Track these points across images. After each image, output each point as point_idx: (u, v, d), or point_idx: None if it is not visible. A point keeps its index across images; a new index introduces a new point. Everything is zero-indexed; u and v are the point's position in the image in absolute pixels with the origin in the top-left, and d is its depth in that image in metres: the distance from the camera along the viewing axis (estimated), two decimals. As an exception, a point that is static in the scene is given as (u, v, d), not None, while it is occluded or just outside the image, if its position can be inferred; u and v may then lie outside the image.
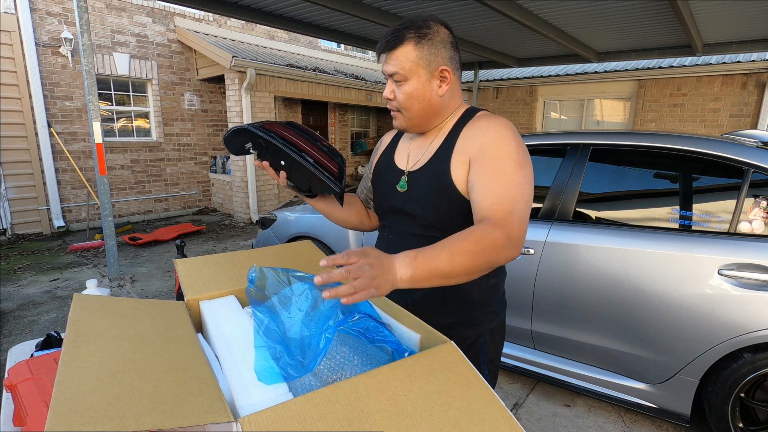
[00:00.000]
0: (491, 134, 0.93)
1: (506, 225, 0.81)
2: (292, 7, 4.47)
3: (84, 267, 4.50)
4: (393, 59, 0.95)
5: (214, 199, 7.79)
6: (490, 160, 0.89)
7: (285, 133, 0.97)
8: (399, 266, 0.70)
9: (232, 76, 6.34)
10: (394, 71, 0.95)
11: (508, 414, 0.60)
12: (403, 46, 0.94)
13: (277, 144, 0.93)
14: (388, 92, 0.99)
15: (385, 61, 0.97)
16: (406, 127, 1.03)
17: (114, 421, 0.49)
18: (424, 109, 0.99)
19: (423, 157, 1.04)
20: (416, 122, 1.01)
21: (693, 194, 2.00)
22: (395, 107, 1.00)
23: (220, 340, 0.79)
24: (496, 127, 0.93)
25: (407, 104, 0.98)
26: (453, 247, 0.74)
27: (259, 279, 0.90)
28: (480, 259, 0.76)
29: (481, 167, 0.90)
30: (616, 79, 7.44)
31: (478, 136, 0.94)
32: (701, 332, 1.80)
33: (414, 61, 0.94)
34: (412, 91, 0.96)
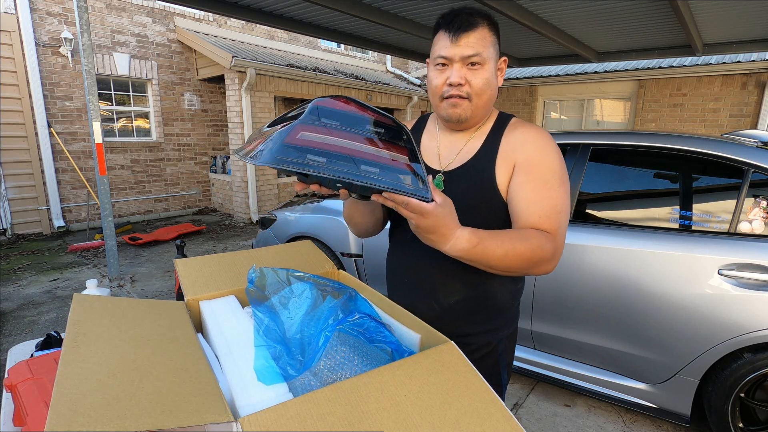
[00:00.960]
0: (539, 145, 0.92)
1: (556, 240, 0.85)
2: (292, 7, 4.47)
3: (84, 267, 4.50)
4: (472, 41, 0.88)
5: (214, 199, 7.79)
6: (538, 173, 0.89)
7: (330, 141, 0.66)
8: (456, 242, 0.75)
9: (232, 76, 6.34)
10: (474, 53, 0.88)
11: (508, 414, 0.60)
12: (480, 28, 0.89)
13: (329, 177, 0.64)
14: (460, 77, 0.90)
15: (456, 43, 0.89)
16: (468, 116, 0.95)
17: (114, 421, 0.49)
18: (491, 98, 0.95)
19: (459, 156, 0.99)
20: (479, 112, 0.95)
21: (693, 194, 2.00)
22: (465, 94, 0.91)
23: (220, 340, 0.79)
24: (542, 139, 0.93)
25: (482, 90, 0.91)
26: (511, 247, 0.78)
27: (259, 279, 0.90)
28: (526, 265, 0.81)
29: (529, 178, 0.90)
30: (616, 79, 7.44)
31: (526, 144, 0.93)
32: (701, 332, 1.80)
33: (491, 46, 0.91)
34: (489, 76, 0.91)
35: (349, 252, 2.90)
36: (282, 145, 0.63)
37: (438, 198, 0.70)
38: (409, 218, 0.70)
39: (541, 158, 0.90)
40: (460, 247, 0.75)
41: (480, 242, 0.76)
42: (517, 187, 0.91)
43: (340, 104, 0.69)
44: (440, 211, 0.69)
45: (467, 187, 0.97)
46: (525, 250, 0.79)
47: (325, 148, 0.64)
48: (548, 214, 0.86)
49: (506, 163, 0.93)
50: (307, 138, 0.64)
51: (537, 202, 0.87)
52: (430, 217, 0.69)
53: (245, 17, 4.60)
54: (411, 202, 0.66)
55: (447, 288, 1.00)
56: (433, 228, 0.71)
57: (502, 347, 1.05)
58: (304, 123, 0.65)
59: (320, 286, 0.90)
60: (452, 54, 0.89)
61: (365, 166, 0.65)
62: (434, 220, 0.70)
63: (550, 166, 0.90)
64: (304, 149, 0.63)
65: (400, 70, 10.27)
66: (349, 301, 0.86)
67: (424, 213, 0.68)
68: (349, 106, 0.70)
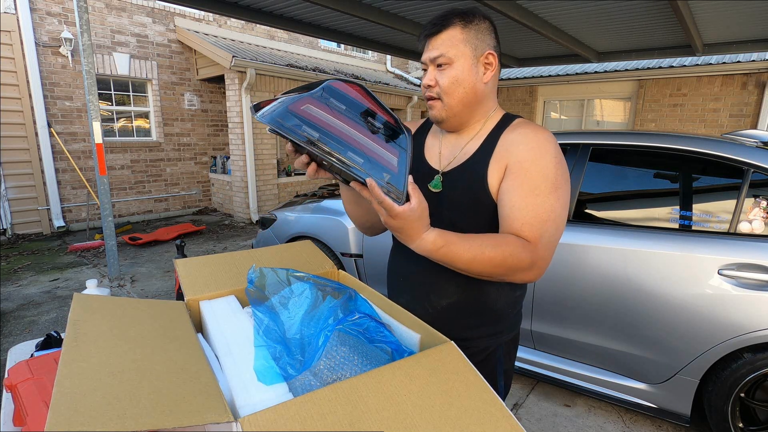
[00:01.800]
0: (533, 146, 0.89)
1: (535, 250, 0.82)
2: (292, 7, 4.47)
3: (84, 267, 4.50)
4: (438, 43, 0.91)
5: (214, 199, 7.79)
6: (527, 178, 0.87)
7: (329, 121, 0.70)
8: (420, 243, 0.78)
9: (232, 76, 6.34)
10: (438, 54, 0.91)
11: (508, 413, 0.60)
12: (449, 29, 0.91)
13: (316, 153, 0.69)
14: (429, 79, 0.93)
15: (426, 48, 0.93)
16: (444, 117, 0.96)
17: (114, 421, 0.49)
18: (467, 95, 0.93)
19: (458, 157, 0.99)
20: (455, 111, 0.95)
21: (693, 194, 2.00)
22: (435, 94, 0.94)
23: (220, 340, 0.79)
24: (539, 140, 0.90)
25: (450, 89, 0.92)
26: (479, 252, 0.80)
27: (258, 279, 0.90)
28: (498, 272, 0.82)
29: (517, 182, 0.87)
30: (616, 79, 7.44)
31: (520, 144, 0.90)
32: (701, 332, 1.80)
33: (461, 43, 0.91)
34: (458, 74, 0.91)
35: (349, 252, 2.90)
36: (285, 110, 0.68)
37: (413, 201, 0.72)
38: (380, 214, 0.74)
39: (533, 161, 0.87)
40: (424, 248, 0.79)
41: (445, 245, 0.78)
42: (506, 189, 0.89)
43: (352, 90, 0.72)
44: (408, 214, 0.72)
45: (462, 187, 0.97)
46: (494, 256, 0.80)
47: (322, 126, 0.69)
48: (531, 222, 0.84)
49: (499, 163, 0.92)
50: (311, 111, 0.69)
51: (521, 208, 0.85)
52: (398, 219, 0.73)
53: (245, 17, 4.60)
54: (385, 201, 0.70)
55: (440, 290, 1.01)
56: (400, 228, 0.75)
57: (500, 353, 1.04)
58: (313, 97, 0.70)
59: (320, 286, 0.90)
60: (424, 58, 0.95)
61: (352, 154, 0.70)
62: (401, 222, 0.73)
63: (542, 171, 0.86)
64: (304, 120, 0.68)
65: (400, 70, 10.28)
66: (349, 301, 0.86)
67: (392, 214, 0.72)
68: (359, 95, 0.73)
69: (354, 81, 0.72)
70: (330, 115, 0.69)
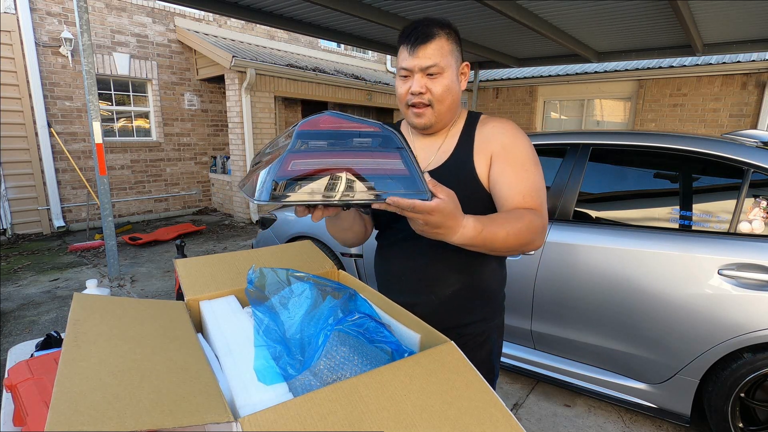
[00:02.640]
0: (510, 134, 1.00)
1: (542, 215, 0.91)
2: (292, 7, 4.47)
3: (84, 267, 4.50)
4: (430, 51, 0.94)
5: (214, 199, 7.79)
6: (514, 158, 0.97)
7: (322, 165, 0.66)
8: (463, 232, 0.77)
9: (232, 76, 6.34)
10: (431, 63, 0.95)
11: (508, 414, 0.60)
12: (437, 39, 0.95)
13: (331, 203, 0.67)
14: (420, 86, 0.96)
15: (414, 55, 0.95)
16: (432, 123, 1.02)
17: (114, 421, 0.49)
18: (454, 102, 1.00)
19: (438, 157, 1.05)
20: (442, 117, 1.01)
21: (693, 194, 2.00)
22: (426, 101, 0.98)
23: (220, 340, 0.79)
24: (512, 130, 1.01)
25: (442, 97, 0.98)
26: (510, 227, 0.83)
27: (258, 279, 0.90)
28: (523, 243, 0.86)
29: (507, 164, 0.97)
30: (616, 79, 7.44)
31: (498, 134, 1.00)
32: (701, 332, 1.80)
33: (449, 54, 0.96)
34: (449, 84, 0.97)
35: (349, 252, 2.90)
36: (276, 181, 0.64)
37: (441, 193, 0.70)
38: (416, 219, 0.71)
39: (514, 145, 0.98)
40: (468, 236, 0.78)
41: (484, 228, 0.79)
42: (498, 173, 0.98)
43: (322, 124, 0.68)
44: (445, 206, 0.70)
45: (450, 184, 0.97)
46: (522, 227, 0.84)
47: (318, 173, 0.65)
48: (530, 192, 0.93)
49: (483, 154, 1.00)
50: (299, 167, 0.64)
51: (518, 182, 0.94)
52: (436, 214, 0.70)
53: (245, 17, 4.60)
54: (416, 204, 0.67)
55: (444, 280, 1.05)
56: (441, 223, 0.72)
57: (494, 336, 1.11)
58: (292, 152, 0.65)
59: (320, 286, 0.90)
60: (412, 65, 0.96)
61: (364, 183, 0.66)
62: (441, 216, 0.71)
63: (524, 151, 0.98)
64: (298, 179, 0.64)
65: (400, 70, 10.26)
66: (349, 301, 0.86)
67: (431, 211, 0.69)
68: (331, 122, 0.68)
69: (318, 114, 0.68)
70: (318, 159, 0.65)
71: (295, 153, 0.65)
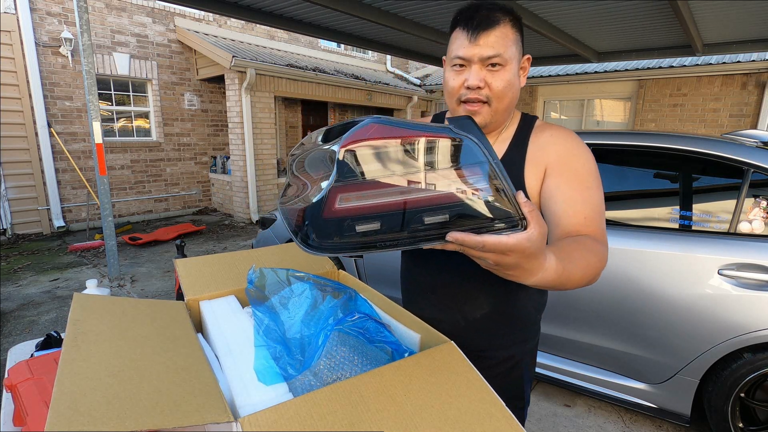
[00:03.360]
0: (570, 145, 0.87)
1: (606, 244, 0.77)
2: (292, 7, 4.47)
3: (84, 267, 4.50)
4: (493, 39, 0.81)
5: (214, 199, 7.79)
6: (575, 174, 0.84)
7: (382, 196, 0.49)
8: (543, 275, 0.57)
9: (232, 76, 6.34)
10: (494, 53, 0.81)
11: (508, 413, 0.60)
12: (501, 25, 0.81)
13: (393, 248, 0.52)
14: (478, 79, 0.82)
15: (475, 42, 0.81)
16: (487, 123, 0.88)
17: (114, 421, 0.49)
18: (513, 100, 0.88)
19: None
20: (499, 117, 0.88)
21: (693, 194, 2.00)
22: (484, 97, 0.84)
23: (220, 340, 0.79)
24: (573, 140, 0.88)
25: (503, 93, 0.84)
26: (586, 264, 0.68)
27: (258, 279, 0.90)
28: (591, 279, 0.70)
29: (564, 178, 0.83)
30: (616, 79, 7.44)
31: (556, 144, 0.87)
32: (701, 332, 1.80)
33: (513, 44, 0.83)
34: (511, 78, 0.84)
35: (349, 252, 2.89)
36: (324, 222, 0.48)
37: (532, 227, 0.51)
38: (481, 259, 0.53)
39: (574, 158, 0.85)
40: (547, 279, 0.59)
41: (565, 268, 0.61)
42: (554, 187, 0.83)
43: (369, 140, 0.48)
44: (526, 246, 0.50)
45: None
46: (594, 263, 0.70)
47: (374, 209, 0.49)
48: (593, 215, 0.79)
49: (536, 167, 0.87)
50: (349, 203, 0.48)
51: (580, 202, 0.80)
52: (513, 255, 0.51)
53: (245, 17, 4.60)
54: (487, 242, 0.49)
55: (473, 301, 0.96)
56: (517, 264, 0.53)
57: (526, 361, 1.00)
58: (339, 182, 0.48)
59: (320, 286, 0.90)
60: (470, 54, 0.82)
61: (431, 216, 0.49)
62: (519, 257, 0.51)
63: (586, 165, 0.84)
64: (352, 219, 0.48)
65: (400, 70, 10.27)
66: (349, 301, 0.86)
67: (507, 251, 0.50)
68: (381, 138, 0.48)
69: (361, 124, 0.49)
70: (374, 189, 0.48)
71: (342, 184, 0.48)
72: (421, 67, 10.30)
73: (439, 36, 5.02)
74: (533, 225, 0.51)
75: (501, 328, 0.97)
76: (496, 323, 0.97)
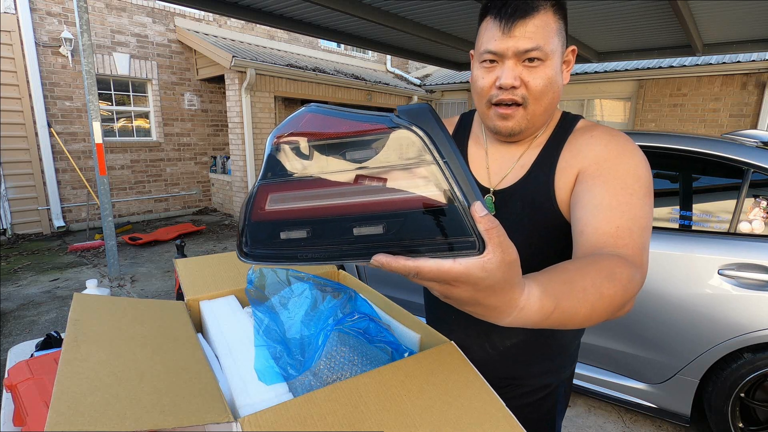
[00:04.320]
0: (614, 146, 0.70)
1: (642, 266, 0.59)
2: (292, 7, 4.47)
3: (84, 267, 4.50)
4: (531, 29, 0.67)
5: (214, 199, 7.79)
6: (615, 175, 0.67)
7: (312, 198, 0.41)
8: (519, 315, 0.42)
9: (232, 76, 6.34)
10: (533, 46, 0.67)
11: (508, 413, 0.60)
12: (542, 12, 0.68)
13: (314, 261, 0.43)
14: (512, 77, 0.69)
15: (509, 33, 0.68)
16: (522, 128, 0.75)
17: (114, 421, 0.49)
18: (553, 101, 0.74)
19: (513, 171, 0.79)
20: (536, 121, 0.75)
21: (693, 194, 2.00)
22: (520, 98, 0.71)
23: (220, 340, 0.79)
24: (620, 140, 0.71)
25: (542, 93, 0.71)
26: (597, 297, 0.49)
27: (258, 279, 0.90)
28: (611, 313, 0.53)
29: (601, 181, 0.67)
30: (616, 79, 7.44)
31: (596, 145, 0.72)
32: (701, 332, 1.80)
33: (555, 35, 0.70)
34: (552, 76, 0.70)
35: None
36: (253, 226, 0.42)
37: (490, 251, 0.35)
38: (431, 287, 0.40)
39: (616, 159, 0.68)
40: (529, 320, 0.43)
41: (557, 306, 0.45)
42: (584, 191, 0.68)
43: (304, 130, 0.41)
44: (483, 276, 0.35)
45: (522, 207, 0.77)
46: (614, 293, 0.51)
47: (300, 214, 0.41)
48: (629, 226, 0.61)
49: (567, 173, 0.73)
50: (279, 204, 0.41)
51: (613, 207, 0.63)
52: (463, 287, 0.37)
53: (245, 17, 4.60)
54: (422, 268, 0.36)
55: (504, 331, 0.83)
56: (472, 300, 0.38)
57: (561, 391, 0.90)
58: (268, 179, 0.41)
59: (320, 286, 0.90)
60: (504, 48, 0.69)
61: (362, 227, 0.40)
62: (471, 291, 0.37)
63: (631, 170, 0.67)
64: (278, 224, 0.41)
65: (400, 70, 10.28)
66: (349, 302, 0.86)
67: (451, 281, 0.36)
68: (317, 128, 0.41)
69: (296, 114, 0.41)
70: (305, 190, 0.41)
71: (269, 183, 0.41)
72: (421, 67, 10.30)
73: (439, 36, 5.02)
74: (492, 248, 0.35)
75: (533, 358, 0.86)
76: (529, 352, 0.85)
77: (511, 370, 0.86)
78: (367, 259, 0.40)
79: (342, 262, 0.42)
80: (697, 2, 3.78)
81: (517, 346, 0.84)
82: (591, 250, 0.61)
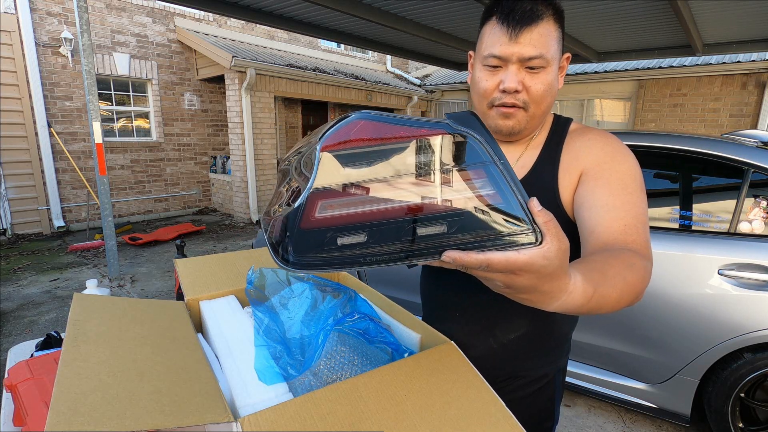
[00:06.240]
0: (611, 148, 0.77)
1: (650, 258, 0.65)
2: (292, 7, 4.47)
3: (84, 267, 4.50)
4: (535, 38, 0.71)
5: (214, 199, 7.79)
6: (615, 176, 0.73)
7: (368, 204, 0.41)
8: (567, 300, 0.47)
9: (232, 76, 6.34)
10: (537, 54, 0.71)
11: (508, 413, 0.60)
12: (545, 21, 0.72)
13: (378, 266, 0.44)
14: (515, 82, 0.73)
15: (516, 39, 0.71)
16: (522, 128, 0.80)
17: (114, 421, 0.49)
18: (550, 105, 0.79)
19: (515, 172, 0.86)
20: (536, 122, 0.80)
21: (693, 194, 2.00)
22: (521, 102, 0.76)
23: (220, 340, 0.79)
24: (614, 143, 0.78)
25: (542, 97, 0.76)
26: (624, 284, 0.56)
27: (258, 280, 0.90)
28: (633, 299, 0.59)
29: (601, 182, 0.73)
30: (616, 79, 7.44)
31: (593, 148, 0.78)
32: (701, 332, 1.80)
33: (555, 43, 0.74)
34: (552, 80, 0.75)
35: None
36: (301, 234, 0.41)
37: (549, 241, 0.40)
38: (492, 279, 0.44)
39: (614, 161, 0.75)
40: (574, 304, 0.48)
41: (596, 290, 0.50)
42: (587, 192, 0.74)
43: (356, 139, 0.41)
44: (544, 264, 0.40)
45: None
46: (635, 281, 0.57)
47: (358, 219, 0.41)
48: (634, 223, 0.67)
49: (570, 174, 0.78)
50: (331, 212, 0.41)
51: (619, 207, 0.69)
52: (526, 275, 0.41)
53: (245, 17, 4.60)
54: (492, 260, 0.40)
55: (507, 323, 0.87)
56: (531, 287, 0.43)
57: (558, 379, 0.94)
58: (320, 187, 0.40)
59: (320, 286, 0.90)
60: (509, 53, 0.72)
61: (425, 227, 0.41)
62: (533, 278, 0.41)
63: (628, 170, 0.74)
64: (334, 231, 0.41)
65: (400, 70, 10.28)
66: (349, 302, 0.86)
67: (517, 271, 0.40)
68: (370, 135, 0.41)
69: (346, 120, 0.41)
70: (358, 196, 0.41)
71: (322, 190, 0.41)
72: (421, 67, 10.30)
73: (439, 36, 5.02)
74: (549, 238, 0.40)
75: (535, 351, 0.89)
76: (530, 345, 0.89)
77: (513, 363, 0.89)
78: (435, 257, 0.43)
79: (408, 262, 0.44)
80: (697, 2, 3.78)
81: (519, 340, 0.87)
82: (602, 247, 0.66)
